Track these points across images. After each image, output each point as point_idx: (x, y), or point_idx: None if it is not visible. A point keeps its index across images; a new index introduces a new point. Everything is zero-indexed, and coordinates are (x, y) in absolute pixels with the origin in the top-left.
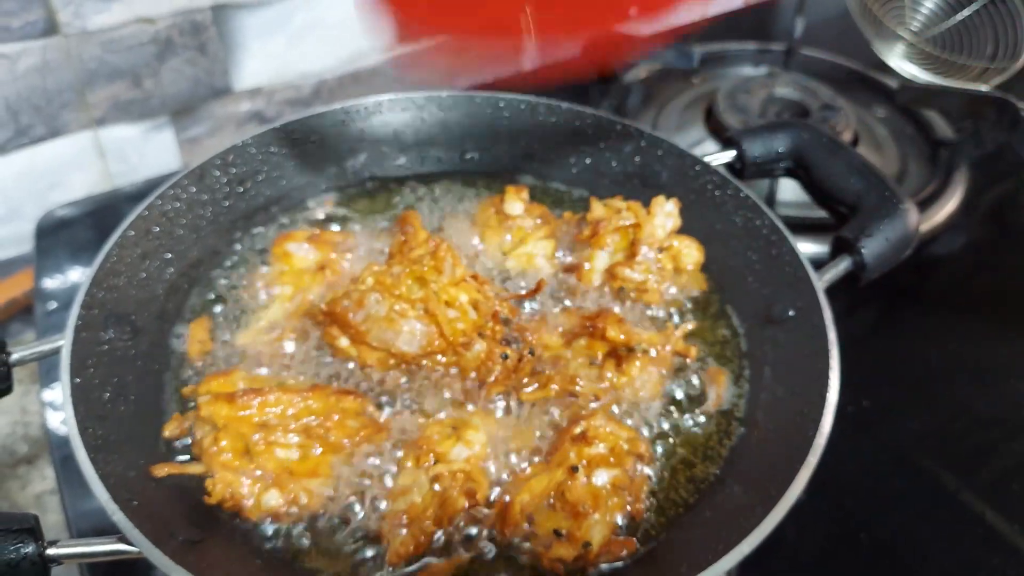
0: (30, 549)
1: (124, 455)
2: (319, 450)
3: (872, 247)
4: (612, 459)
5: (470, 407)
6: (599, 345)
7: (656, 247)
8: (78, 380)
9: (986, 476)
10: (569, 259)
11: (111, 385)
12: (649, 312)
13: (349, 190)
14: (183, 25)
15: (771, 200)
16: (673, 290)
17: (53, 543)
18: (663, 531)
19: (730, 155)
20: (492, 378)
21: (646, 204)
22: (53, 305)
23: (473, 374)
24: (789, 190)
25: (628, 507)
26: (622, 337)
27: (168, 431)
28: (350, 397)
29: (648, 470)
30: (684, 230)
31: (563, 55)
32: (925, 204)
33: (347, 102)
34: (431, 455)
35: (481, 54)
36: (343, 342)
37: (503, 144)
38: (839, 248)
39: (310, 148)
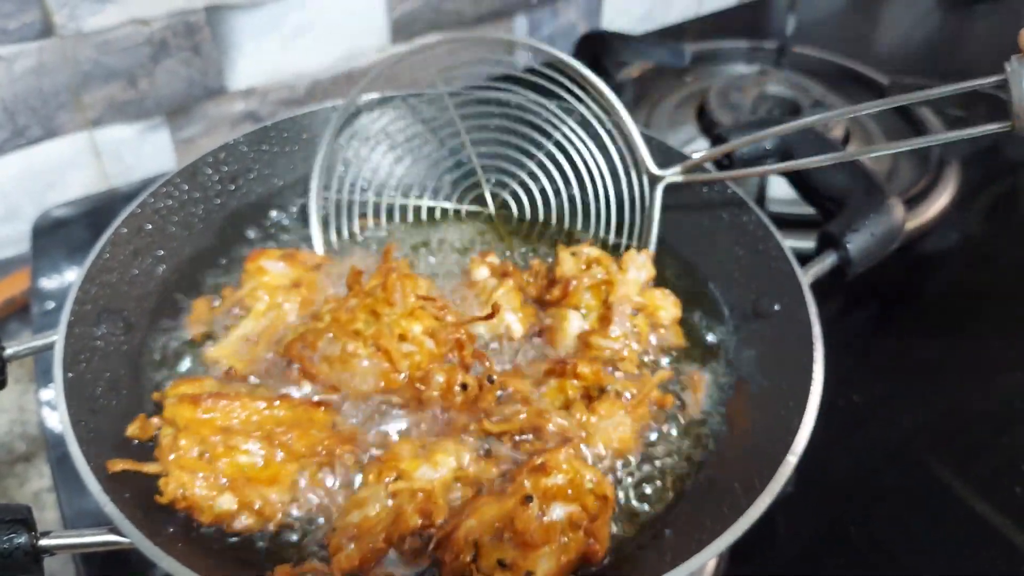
0: (23, 539)
1: (116, 448)
2: (280, 457)
3: (857, 242)
4: (570, 491)
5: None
6: (571, 387)
7: (630, 307)
8: (71, 375)
9: (978, 470)
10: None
11: (103, 380)
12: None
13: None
14: (177, 26)
15: (762, 196)
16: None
17: (46, 534)
18: (648, 520)
19: None
20: (454, 409)
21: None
22: (50, 304)
23: (436, 408)
24: (779, 186)
25: (585, 547)
26: (594, 376)
27: (131, 431)
28: (320, 409)
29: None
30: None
31: None
32: (916, 200)
33: (337, 101)
34: (394, 471)
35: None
36: (307, 382)
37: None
38: (825, 243)
39: (301, 146)
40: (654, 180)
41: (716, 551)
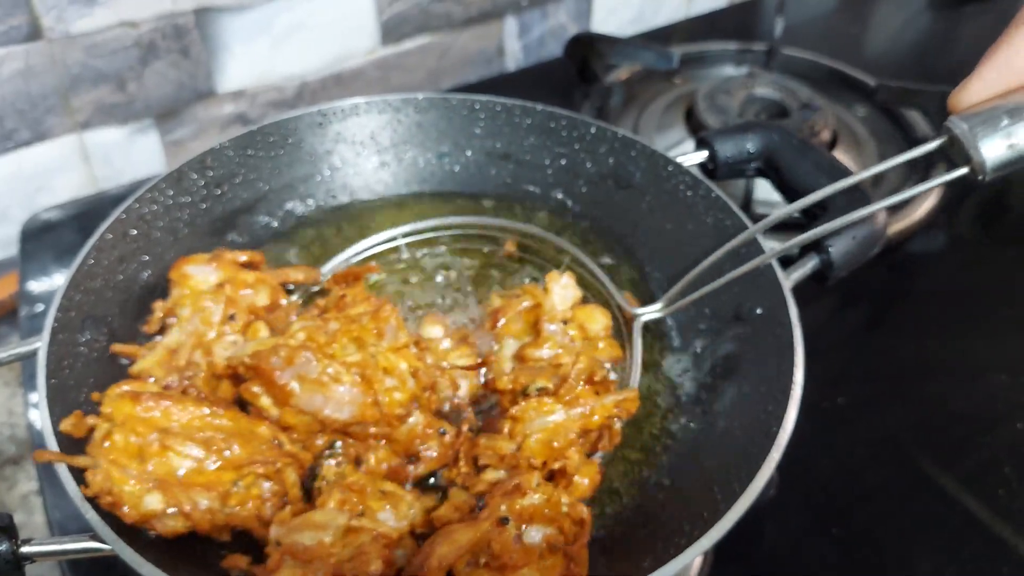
0: (3, 547)
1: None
2: (217, 464)
3: (839, 246)
4: (547, 511)
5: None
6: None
7: (559, 320)
8: (54, 381)
9: (963, 471)
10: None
11: (87, 386)
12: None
13: (325, 198)
14: (166, 29)
15: (748, 200)
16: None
17: (27, 541)
18: (624, 526)
19: (702, 156)
20: (426, 454)
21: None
22: (39, 308)
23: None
24: (763, 189)
25: (566, 571)
26: (510, 386)
27: (64, 426)
28: (264, 424)
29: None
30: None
31: None
32: (903, 203)
33: (324, 104)
34: (360, 506)
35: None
36: (264, 400)
37: (478, 146)
38: (807, 247)
39: (288, 150)
40: (630, 319)
41: (694, 555)
